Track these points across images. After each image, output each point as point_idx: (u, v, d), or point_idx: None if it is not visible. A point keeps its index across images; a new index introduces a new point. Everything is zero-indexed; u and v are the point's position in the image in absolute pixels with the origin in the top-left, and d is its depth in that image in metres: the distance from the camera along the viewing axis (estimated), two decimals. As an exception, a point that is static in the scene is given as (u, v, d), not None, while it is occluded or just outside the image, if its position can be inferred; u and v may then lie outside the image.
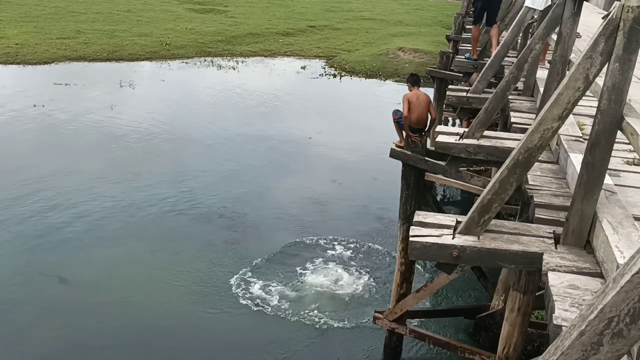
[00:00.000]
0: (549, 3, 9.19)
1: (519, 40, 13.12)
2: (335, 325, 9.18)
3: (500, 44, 9.89)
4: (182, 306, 9.41)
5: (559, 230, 4.63)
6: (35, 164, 14.48)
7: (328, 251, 11.24)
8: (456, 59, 13.46)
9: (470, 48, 12.58)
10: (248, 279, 10.19)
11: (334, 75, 26.20)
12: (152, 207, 12.65)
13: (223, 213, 12.59)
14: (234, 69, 26.66)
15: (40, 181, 13.48)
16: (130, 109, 19.59)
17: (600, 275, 4.06)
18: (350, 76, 26.24)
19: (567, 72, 5.62)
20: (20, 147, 15.73)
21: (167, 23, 33.06)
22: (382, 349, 8.62)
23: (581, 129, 6.55)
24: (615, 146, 4.37)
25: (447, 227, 4.86)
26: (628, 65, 3.99)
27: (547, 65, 9.76)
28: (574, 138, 6.20)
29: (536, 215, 5.08)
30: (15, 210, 12.11)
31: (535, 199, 5.29)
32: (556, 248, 4.48)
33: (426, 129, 8.36)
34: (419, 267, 10.25)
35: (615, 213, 4.37)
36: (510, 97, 8.66)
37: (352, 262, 10.93)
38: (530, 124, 5.03)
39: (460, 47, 15.81)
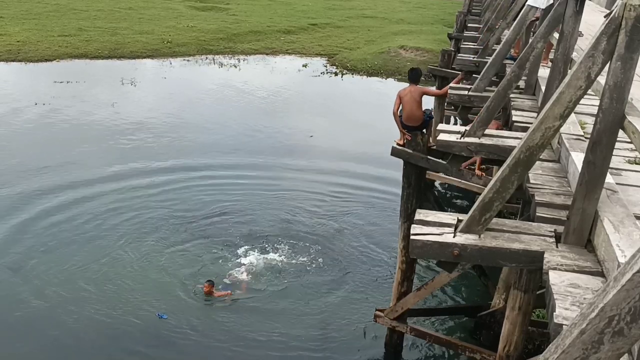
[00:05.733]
0: (551, 1, 9.17)
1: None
2: (336, 323, 9.19)
3: (502, 42, 9.88)
4: (178, 302, 9.43)
5: (560, 229, 4.62)
6: (34, 161, 14.48)
7: (328, 249, 11.24)
8: (458, 57, 13.44)
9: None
10: (245, 277, 10.19)
11: (336, 74, 26.18)
12: (150, 204, 12.65)
13: (222, 210, 12.57)
14: (235, 66, 26.65)
15: (39, 178, 13.49)
16: (131, 107, 19.60)
17: (601, 274, 4.05)
18: (352, 74, 26.21)
19: (569, 70, 5.61)
20: (19, 145, 15.72)
21: (168, 21, 33.05)
22: (383, 347, 8.63)
23: (583, 128, 6.54)
24: (617, 145, 4.36)
25: (448, 225, 4.85)
26: (630, 64, 3.98)
27: (549, 63, 9.74)
28: (575, 137, 6.19)
29: (537, 214, 5.07)
30: (11, 205, 12.16)
31: (536, 198, 5.28)
32: (557, 247, 4.47)
33: (421, 124, 8.39)
34: (420, 265, 10.25)
35: (617, 212, 4.36)
36: (511, 95, 8.65)
37: (353, 261, 10.93)
38: (531, 123, 5.02)
39: (462, 46, 15.79)
